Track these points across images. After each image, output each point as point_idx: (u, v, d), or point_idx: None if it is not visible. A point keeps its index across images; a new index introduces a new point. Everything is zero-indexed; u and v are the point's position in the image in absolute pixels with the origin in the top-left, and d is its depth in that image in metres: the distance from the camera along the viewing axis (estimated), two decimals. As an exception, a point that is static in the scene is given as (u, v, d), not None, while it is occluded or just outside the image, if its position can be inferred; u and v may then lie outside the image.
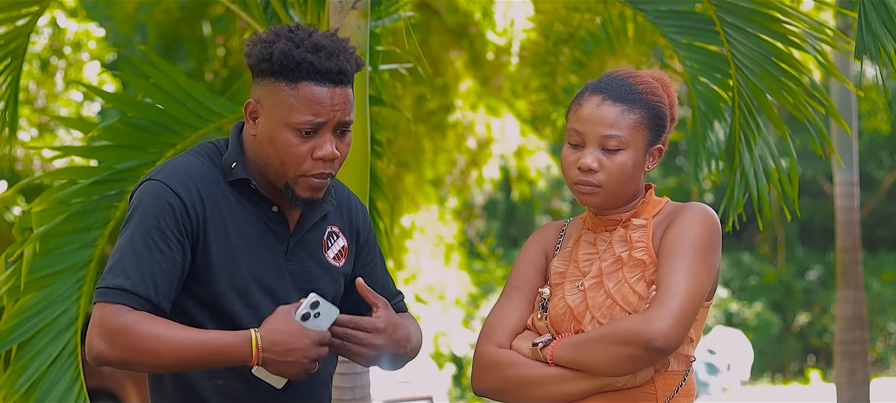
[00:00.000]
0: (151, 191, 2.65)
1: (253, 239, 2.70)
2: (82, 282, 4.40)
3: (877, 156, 26.71)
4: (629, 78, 2.80)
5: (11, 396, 4.30)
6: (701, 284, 2.68)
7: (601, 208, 2.82)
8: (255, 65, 2.67)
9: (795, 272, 26.13)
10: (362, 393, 4.24)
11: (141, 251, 2.60)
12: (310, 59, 2.64)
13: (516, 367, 2.74)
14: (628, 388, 2.70)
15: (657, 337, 2.60)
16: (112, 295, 2.59)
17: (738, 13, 4.37)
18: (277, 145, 2.66)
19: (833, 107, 4.37)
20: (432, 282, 17.18)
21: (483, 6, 11.44)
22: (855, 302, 9.84)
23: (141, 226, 2.62)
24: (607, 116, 2.75)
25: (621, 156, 2.75)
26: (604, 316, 2.72)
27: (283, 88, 2.65)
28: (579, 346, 2.69)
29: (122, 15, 12.05)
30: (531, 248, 2.90)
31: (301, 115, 2.64)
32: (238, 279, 2.67)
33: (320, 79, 2.65)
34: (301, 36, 2.67)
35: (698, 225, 2.73)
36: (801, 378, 24.15)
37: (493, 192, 24.17)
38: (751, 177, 4.38)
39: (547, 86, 8.53)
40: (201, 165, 2.71)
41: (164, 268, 2.61)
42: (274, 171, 2.69)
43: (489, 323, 2.83)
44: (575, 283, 2.78)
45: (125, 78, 4.68)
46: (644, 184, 2.85)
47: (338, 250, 2.83)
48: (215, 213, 2.67)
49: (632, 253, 2.75)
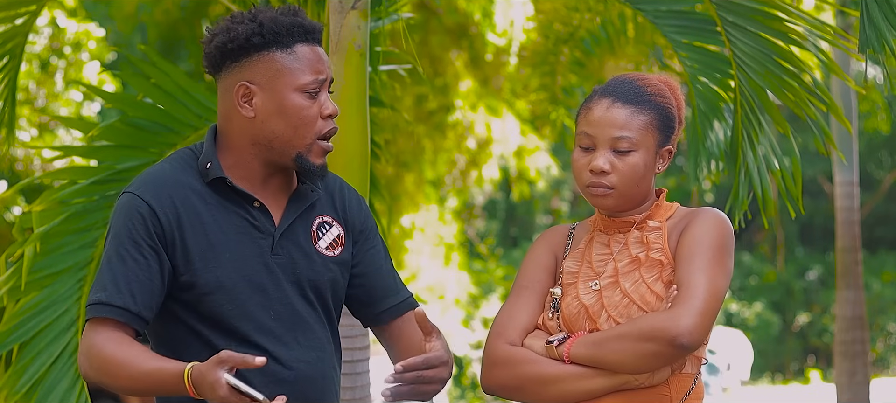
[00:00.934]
0: (123, 204, 2.67)
1: (234, 236, 2.69)
2: (83, 282, 4.39)
3: (877, 156, 26.72)
4: (638, 81, 2.82)
5: (12, 396, 4.29)
6: (720, 285, 2.71)
7: (614, 210, 2.82)
8: (243, 42, 2.66)
9: (795, 272, 26.14)
10: (362, 393, 4.24)
11: (115, 263, 2.62)
12: (298, 21, 2.68)
13: (531, 364, 2.74)
14: (644, 388, 2.71)
15: (683, 334, 2.62)
16: (93, 311, 2.61)
17: (739, 12, 4.37)
18: (289, 113, 2.67)
19: (835, 105, 4.37)
20: (432, 282, 17.19)
21: (483, 7, 11.44)
22: (855, 302, 9.84)
23: (115, 240, 2.64)
24: (618, 118, 2.76)
25: (633, 157, 2.76)
26: (621, 315, 2.73)
27: (279, 57, 2.67)
28: (600, 343, 2.69)
29: (122, 15, 12.05)
30: (539, 249, 2.90)
31: (306, 76, 2.67)
32: (223, 277, 2.66)
33: (310, 39, 2.69)
34: (273, 8, 2.70)
35: (714, 229, 2.75)
36: (801, 378, 24.15)
37: (493, 192, 24.17)
38: (754, 177, 4.38)
39: (547, 86, 8.53)
40: (173, 170, 2.71)
41: (140, 277, 2.61)
42: (284, 145, 2.69)
43: (499, 322, 2.83)
44: (589, 283, 2.79)
45: (125, 78, 4.67)
46: (655, 188, 2.86)
47: (331, 239, 2.81)
48: (191, 216, 2.66)
49: (649, 253, 2.77)
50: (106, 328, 2.60)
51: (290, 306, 2.73)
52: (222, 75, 2.71)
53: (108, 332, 2.59)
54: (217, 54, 2.70)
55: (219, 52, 2.69)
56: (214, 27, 2.73)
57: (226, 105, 2.72)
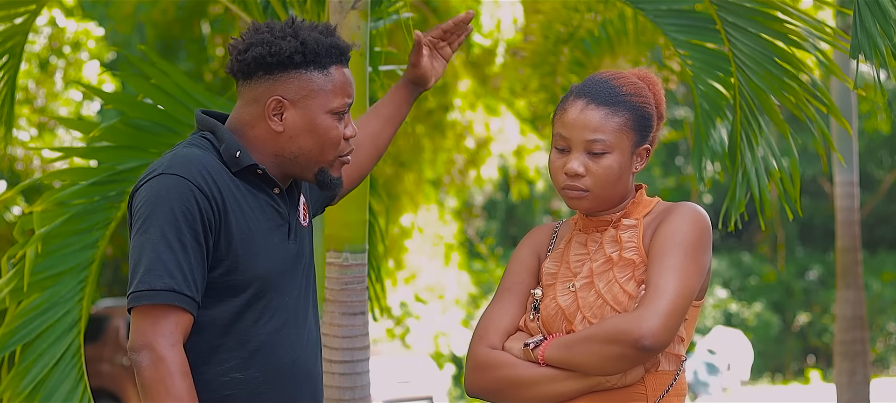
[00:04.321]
0: (172, 186, 2.64)
1: (266, 225, 2.74)
2: (84, 283, 4.39)
3: (877, 156, 26.70)
4: (613, 80, 2.81)
5: (16, 398, 4.29)
6: (690, 283, 2.68)
7: (590, 211, 2.83)
8: (286, 59, 2.70)
9: (795, 272, 26.13)
10: (362, 393, 4.23)
11: (177, 249, 2.60)
12: (336, 42, 2.75)
13: (508, 368, 2.76)
14: (618, 388, 2.71)
15: (646, 336, 2.61)
16: (163, 298, 2.58)
17: (739, 12, 4.37)
18: (318, 133, 2.74)
19: (834, 106, 4.37)
20: (432, 282, 17.19)
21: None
22: (855, 302, 9.84)
23: (171, 223, 2.61)
24: (591, 120, 2.76)
25: (607, 159, 2.76)
26: (595, 315, 2.73)
27: (315, 77, 2.72)
28: (570, 346, 2.70)
29: (121, 15, 12.06)
30: (523, 250, 2.92)
31: (339, 99, 2.75)
32: (261, 265, 2.70)
33: (344, 61, 2.77)
34: (308, 24, 2.76)
35: (688, 224, 2.73)
36: (801, 378, 24.14)
37: (492, 192, 24.18)
38: (752, 177, 4.38)
39: (547, 86, 8.53)
40: (209, 156, 2.72)
41: (198, 266, 2.63)
42: (307, 160, 2.76)
43: (481, 325, 2.85)
44: (566, 284, 2.80)
45: (125, 78, 4.67)
46: (634, 185, 2.86)
47: (302, 210, 2.89)
48: (233, 203, 2.70)
49: (622, 253, 2.77)
50: (171, 319, 2.59)
51: (299, 289, 2.80)
52: (252, 84, 2.74)
53: (175, 331, 2.59)
54: (253, 64, 2.72)
55: (255, 62, 2.72)
56: (249, 35, 2.75)
57: (252, 113, 2.75)
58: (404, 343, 17.08)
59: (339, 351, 4.10)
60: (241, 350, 2.69)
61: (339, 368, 4.11)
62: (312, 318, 2.86)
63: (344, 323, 4.10)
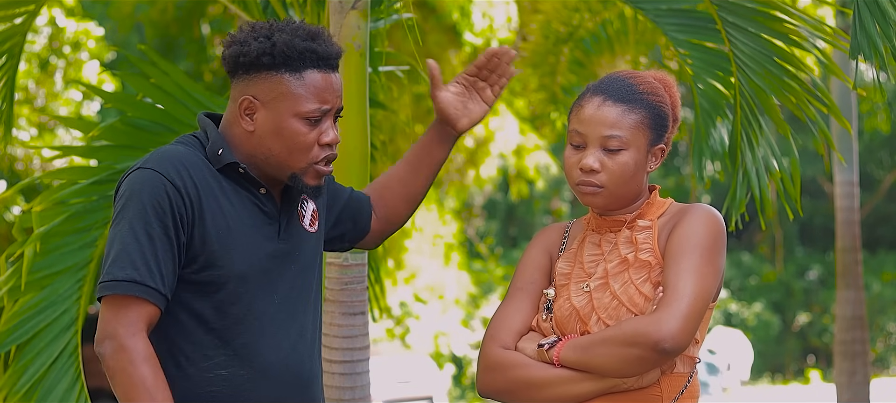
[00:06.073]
0: (145, 180, 2.65)
1: (248, 222, 2.73)
2: (82, 282, 4.39)
3: (877, 156, 26.71)
4: (630, 78, 2.81)
5: (12, 396, 4.29)
6: (707, 285, 2.68)
7: (604, 209, 2.82)
8: (254, 60, 2.69)
9: (795, 272, 26.14)
10: (362, 393, 4.23)
11: (143, 240, 2.61)
12: (312, 46, 2.70)
13: (521, 368, 2.74)
14: (635, 390, 2.70)
15: (666, 339, 2.60)
16: (123, 288, 2.59)
17: (739, 12, 4.36)
18: (285, 136, 2.70)
19: (834, 106, 4.37)
20: (432, 282, 17.19)
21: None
22: (855, 302, 9.84)
23: (140, 216, 2.62)
24: (608, 117, 2.75)
25: (623, 156, 2.75)
26: (610, 317, 2.72)
27: (286, 79, 2.69)
28: (586, 348, 2.68)
29: (120, 15, 12.05)
30: (535, 250, 2.90)
31: (310, 104, 2.70)
32: (238, 261, 2.69)
33: (322, 66, 2.72)
34: (292, 26, 2.73)
35: (704, 226, 2.73)
36: (801, 378, 24.15)
37: (492, 192, 24.17)
38: (753, 177, 4.37)
39: (547, 86, 8.53)
40: (190, 153, 2.73)
41: (166, 258, 2.62)
42: (278, 163, 2.73)
43: (494, 325, 2.83)
44: (580, 284, 2.78)
45: (125, 77, 4.67)
46: (647, 185, 2.85)
47: (310, 215, 2.87)
48: (210, 199, 2.69)
49: (637, 254, 2.76)
50: (133, 310, 2.59)
51: (290, 290, 2.78)
52: (234, 82, 2.76)
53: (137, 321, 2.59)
54: (230, 62, 2.74)
55: (231, 61, 2.73)
56: (236, 33, 2.76)
57: (232, 112, 2.77)
58: (404, 343, 17.09)
59: (339, 351, 4.09)
60: (226, 348, 2.69)
61: (339, 368, 4.11)
62: (310, 320, 2.83)
63: (344, 323, 4.10)
